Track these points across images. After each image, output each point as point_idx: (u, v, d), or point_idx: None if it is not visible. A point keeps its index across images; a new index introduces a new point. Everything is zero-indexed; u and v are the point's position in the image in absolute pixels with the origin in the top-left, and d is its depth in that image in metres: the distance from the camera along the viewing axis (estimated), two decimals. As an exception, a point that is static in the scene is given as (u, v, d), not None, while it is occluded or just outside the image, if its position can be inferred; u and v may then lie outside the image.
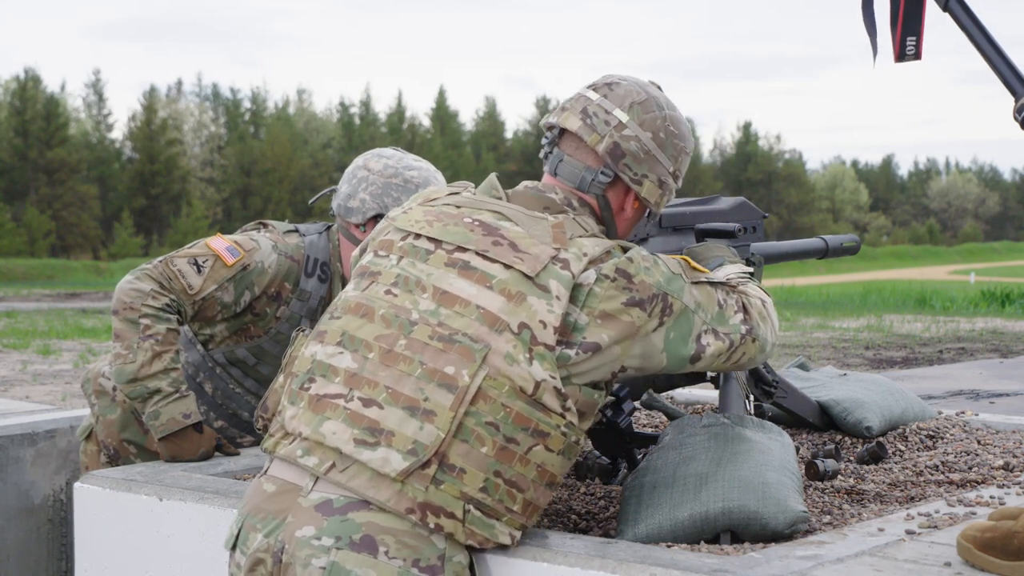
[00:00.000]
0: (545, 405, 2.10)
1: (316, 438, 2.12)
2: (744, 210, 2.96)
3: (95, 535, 2.83)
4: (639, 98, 2.31)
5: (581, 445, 2.21)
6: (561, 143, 2.33)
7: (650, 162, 2.31)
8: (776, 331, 2.39)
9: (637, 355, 2.16)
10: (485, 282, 2.14)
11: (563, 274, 2.13)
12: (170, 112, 57.97)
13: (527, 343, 2.09)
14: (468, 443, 2.06)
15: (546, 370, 2.09)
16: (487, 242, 2.18)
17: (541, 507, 2.18)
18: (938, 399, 6.34)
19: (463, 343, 2.10)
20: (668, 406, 2.85)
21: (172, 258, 3.11)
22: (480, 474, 2.06)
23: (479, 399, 2.07)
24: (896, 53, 2.33)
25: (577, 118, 2.30)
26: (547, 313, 2.10)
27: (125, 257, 45.01)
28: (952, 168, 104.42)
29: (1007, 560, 1.98)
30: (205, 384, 3.29)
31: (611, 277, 2.13)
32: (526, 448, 2.09)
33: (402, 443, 2.06)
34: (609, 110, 2.30)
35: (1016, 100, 2.12)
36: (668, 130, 2.33)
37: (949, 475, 2.75)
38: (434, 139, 62.41)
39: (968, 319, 15.46)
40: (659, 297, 2.16)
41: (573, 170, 2.31)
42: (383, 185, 3.23)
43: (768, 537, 2.25)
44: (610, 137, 2.28)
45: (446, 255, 2.20)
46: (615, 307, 2.13)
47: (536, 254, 2.15)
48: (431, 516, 2.05)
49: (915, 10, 2.30)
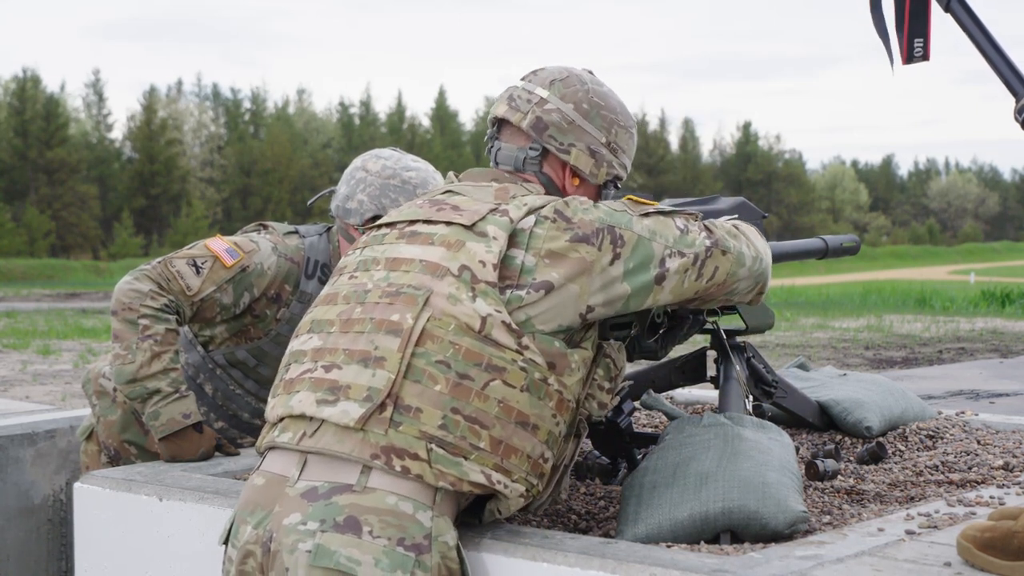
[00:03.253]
0: (496, 340, 2.12)
1: (287, 412, 2.19)
2: (744, 210, 2.96)
3: (95, 535, 2.83)
4: (560, 76, 2.43)
5: (562, 393, 2.18)
6: (500, 135, 2.45)
7: (575, 131, 2.39)
8: (759, 248, 2.42)
9: (598, 290, 2.20)
10: (428, 241, 2.24)
11: (501, 219, 2.21)
12: (170, 112, 58.01)
13: (468, 283, 2.15)
14: (420, 383, 2.10)
15: (490, 304, 2.13)
16: (432, 211, 2.30)
17: (523, 451, 2.15)
18: (938, 399, 6.34)
19: (407, 293, 2.18)
20: (668, 406, 2.84)
21: (171, 259, 3.11)
22: (437, 411, 2.09)
23: (426, 339, 2.12)
24: (904, 55, 2.34)
25: (504, 104, 2.44)
26: (485, 253, 2.17)
27: (125, 257, 45.04)
28: (952, 168, 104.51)
29: (1007, 560, 1.98)
30: (205, 385, 3.28)
31: (551, 218, 2.21)
32: (482, 383, 2.11)
33: (358, 393, 2.12)
34: (531, 90, 2.42)
35: (1017, 101, 2.12)
36: (592, 101, 2.41)
37: (949, 475, 2.75)
38: (434, 139, 62.44)
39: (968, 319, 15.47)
40: (604, 231, 2.22)
41: (508, 153, 2.42)
42: (381, 186, 3.22)
43: (768, 537, 2.25)
44: (532, 113, 2.39)
45: (398, 231, 2.32)
46: (560, 245, 2.19)
47: (476, 209, 2.25)
48: (395, 459, 2.07)
49: (921, 11, 2.30)
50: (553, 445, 2.22)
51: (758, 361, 2.97)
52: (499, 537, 2.20)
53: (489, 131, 2.48)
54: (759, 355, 2.97)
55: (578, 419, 2.28)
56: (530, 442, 2.16)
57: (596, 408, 2.30)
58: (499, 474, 2.13)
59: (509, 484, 2.15)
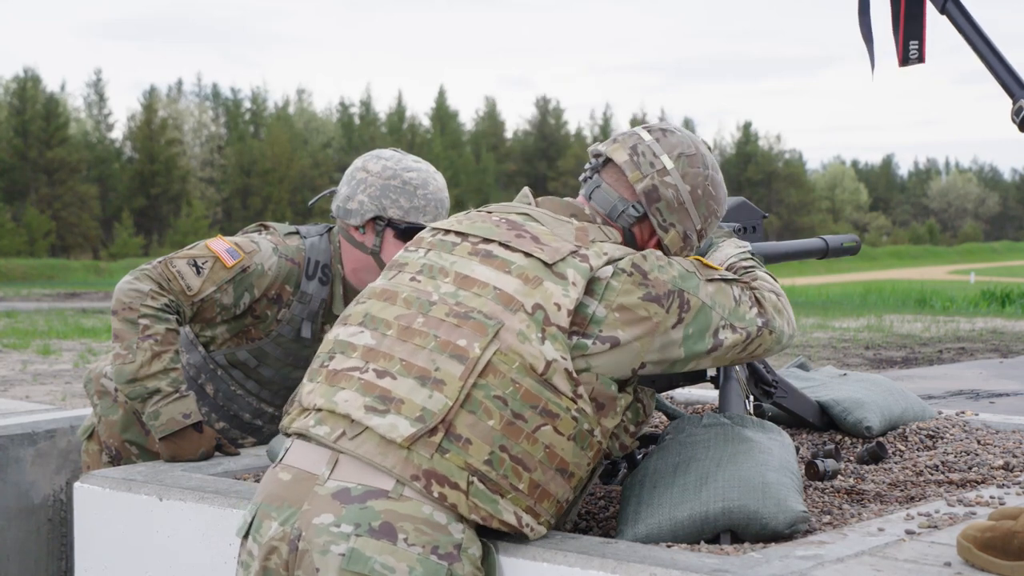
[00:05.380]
0: (555, 386, 2.13)
1: (329, 407, 2.16)
2: (744, 210, 2.97)
3: (95, 535, 2.83)
4: (688, 151, 2.39)
5: (601, 443, 2.21)
6: (603, 172, 2.41)
7: (681, 214, 2.37)
8: (792, 323, 2.44)
9: (656, 350, 2.22)
10: (504, 268, 2.21)
11: (581, 265, 2.20)
12: (170, 112, 57.98)
13: (540, 323, 2.14)
14: (475, 414, 2.10)
15: (557, 351, 2.13)
16: (511, 235, 2.26)
17: (555, 496, 2.17)
18: (938, 399, 6.34)
19: (477, 319, 2.16)
20: (668, 406, 2.84)
21: (172, 259, 3.11)
22: (485, 446, 2.09)
23: (489, 372, 2.11)
24: (900, 58, 2.33)
25: (625, 152, 2.38)
26: (562, 297, 2.16)
27: (125, 257, 45.02)
28: (952, 168, 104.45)
29: (1007, 560, 1.98)
30: (206, 386, 3.28)
31: (627, 271, 2.20)
32: (534, 426, 2.12)
33: (411, 410, 2.10)
34: (658, 154, 2.38)
35: (1014, 102, 2.12)
36: (707, 189, 2.40)
37: (949, 475, 2.75)
38: (434, 139, 62.37)
39: (968, 319, 15.47)
40: (675, 294, 2.22)
41: (607, 198, 2.38)
42: (381, 187, 3.22)
43: (768, 537, 2.25)
44: (651, 179, 2.36)
45: (471, 246, 2.28)
46: (633, 301, 2.19)
47: (557, 247, 2.23)
48: (435, 485, 2.07)
49: (916, 13, 2.30)
50: (579, 489, 2.25)
51: (758, 361, 2.97)
52: (500, 537, 2.19)
53: (592, 162, 2.43)
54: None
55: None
56: (563, 488, 2.19)
57: (617, 449, 2.33)
58: (529, 516, 2.15)
59: (535, 527, 2.17)
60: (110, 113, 69.06)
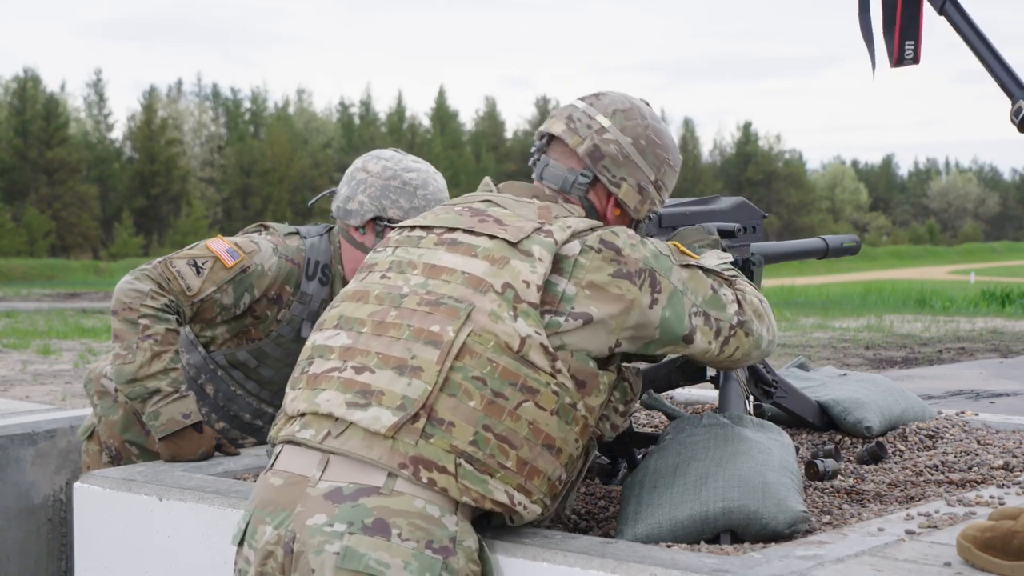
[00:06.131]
0: (532, 362, 2.13)
1: (312, 410, 2.18)
2: (744, 210, 2.97)
3: (95, 535, 2.83)
4: (623, 106, 2.41)
5: (587, 418, 2.21)
6: (548, 150, 2.43)
7: (629, 166, 2.38)
8: (774, 330, 2.44)
9: (631, 328, 2.22)
10: (471, 252, 2.23)
11: (546, 240, 2.21)
12: (170, 112, 57.96)
13: (511, 301, 2.15)
14: (456, 397, 2.11)
15: (531, 326, 2.14)
16: (474, 221, 2.29)
17: (545, 473, 2.17)
18: (938, 399, 6.34)
19: (448, 304, 2.17)
20: (668, 406, 2.84)
21: (171, 259, 3.11)
22: (469, 427, 2.10)
23: (465, 354, 2.12)
24: (895, 58, 2.33)
25: (562, 123, 2.41)
26: (530, 273, 2.17)
27: (125, 257, 45.01)
28: (952, 168, 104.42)
29: (1007, 560, 1.98)
30: (207, 386, 3.28)
31: (596, 248, 2.21)
32: (515, 403, 2.12)
33: (391, 400, 2.11)
34: (592, 115, 2.40)
35: (1013, 102, 2.12)
36: (649, 138, 2.41)
37: (949, 475, 2.75)
38: (434, 139, 62.39)
39: (968, 319, 15.48)
40: (646, 272, 2.23)
41: (557, 172, 2.40)
42: (381, 187, 3.22)
43: (768, 537, 2.25)
44: (591, 140, 2.38)
45: (436, 237, 2.30)
46: (603, 279, 2.20)
47: (520, 226, 2.24)
48: (424, 470, 2.07)
49: (912, 14, 2.30)
50: (571, 468, 2.24)
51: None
52: (499, 537, 2.20)
53: (537, 144, 2.46)
54: (759, 355, 2.96)
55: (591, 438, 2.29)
56: (552, 464, 2.18)
57: (609, 430, 2.32)
58: (520, 494, 2.15)
59: (528, 506, 2.16)
60: (110, 113, 69.12)
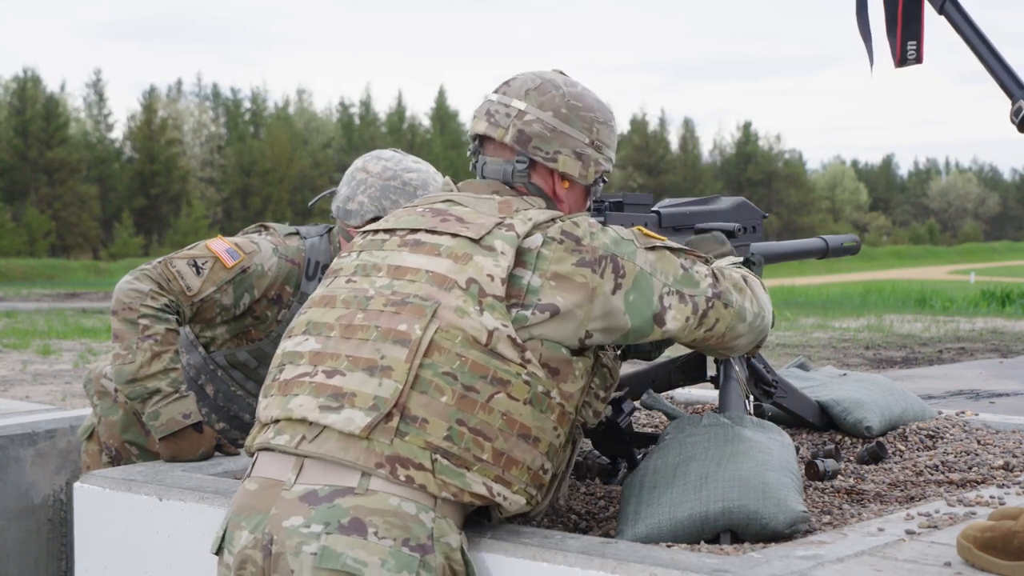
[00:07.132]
0: (501, 354, 2.14)
1: (285, 416, 2.18)
2: (744, 210, 2.97)
3: (95, 535, 2.83)
4: (533, 84, 2.42)
5: (563, 405, 2.20)
6: (483, 150, 2.45)
7: (559, 138, 2.39)
8: (763, 304, 2.43)
9: (599, 317, 2.22)
10: (434, 252, 2.24)
11: (508, 235, 2.22)
12: (170, 112, 57.96)
13: (476, 296, 2.16)
14: (427, 394, 2.11)
15: (497, 319, 2.15)
16: (436, 221, 2.30)
17: (523, 463, 2.17)
18: (938, 399, 6.34)
19: (414, 303, 2.18)
20: (668, 406, 2.84)
21: (171, 259, 3.11)
22: (443, 423, 2.10)
23: (433, 351, 2.13)
24: (897, 58, 2.33)
25: (483, 121, 2.43)
26: (494, 267, 2.18)
27: (125, 257, 45.01)
28: (952, 168, 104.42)
29: (1007, 560, 1.98)
30: (207, 386, 3.28)
31: (558, 239, 2.22)
32: (487, 396, 2.13)
33: (364, 401, 2.12)
34: (508, 103, 2.41)
35: (1013, 102, 2.12)
36: (569, 104, 2.41)
37: (949, 475, 2.75)
38: (434, 139, 62.41)
39: (968, 319, 15.48)
40: (608, 259, 2.23)
41: (495, 168, 2.41)
42: (381, 188, 3.22)
43: (768, 537, 2.25)
44: (513, 127, 2.39)
45: (399, 239, 2.31)
46: (567, 268, 2.20)
47: (481, 223, 2.25)
48: (400, 469, 2.08)
49: (914, 14, 2.30)
50: (553, 456, 2.24)
51: (758, 361, 2.97)
52: (499, 537, 2.20)
53: (472, 146, 2.48)
54: (759, 355, 2.97)
55: (574, 427, 2.29)
56: (531, 454, 2.18)
57: (591, 416, 2.32)
58: (500, 485, 2.15)
59: (509, 496, 2.16)
60: (110, 113, 69.16)
